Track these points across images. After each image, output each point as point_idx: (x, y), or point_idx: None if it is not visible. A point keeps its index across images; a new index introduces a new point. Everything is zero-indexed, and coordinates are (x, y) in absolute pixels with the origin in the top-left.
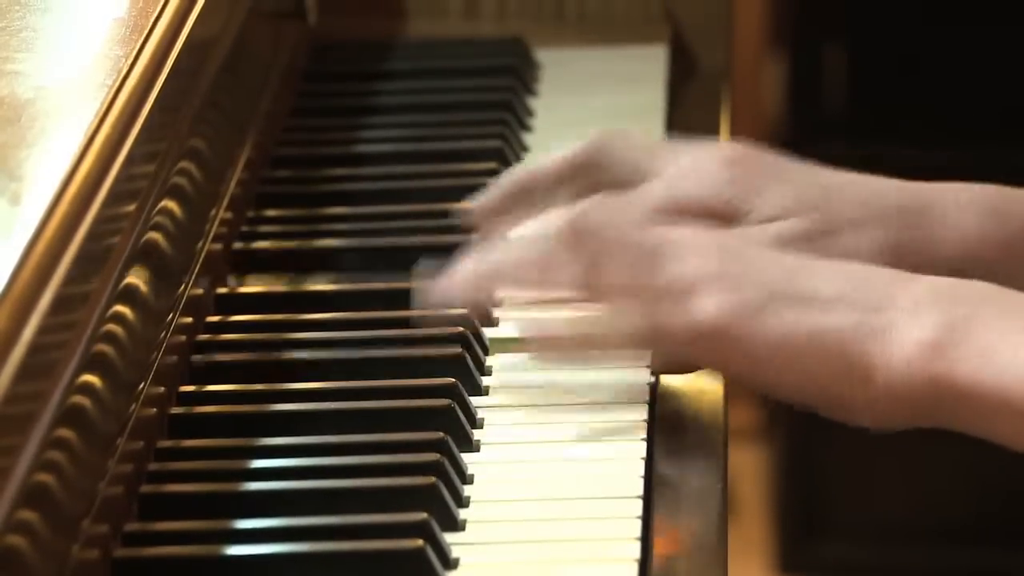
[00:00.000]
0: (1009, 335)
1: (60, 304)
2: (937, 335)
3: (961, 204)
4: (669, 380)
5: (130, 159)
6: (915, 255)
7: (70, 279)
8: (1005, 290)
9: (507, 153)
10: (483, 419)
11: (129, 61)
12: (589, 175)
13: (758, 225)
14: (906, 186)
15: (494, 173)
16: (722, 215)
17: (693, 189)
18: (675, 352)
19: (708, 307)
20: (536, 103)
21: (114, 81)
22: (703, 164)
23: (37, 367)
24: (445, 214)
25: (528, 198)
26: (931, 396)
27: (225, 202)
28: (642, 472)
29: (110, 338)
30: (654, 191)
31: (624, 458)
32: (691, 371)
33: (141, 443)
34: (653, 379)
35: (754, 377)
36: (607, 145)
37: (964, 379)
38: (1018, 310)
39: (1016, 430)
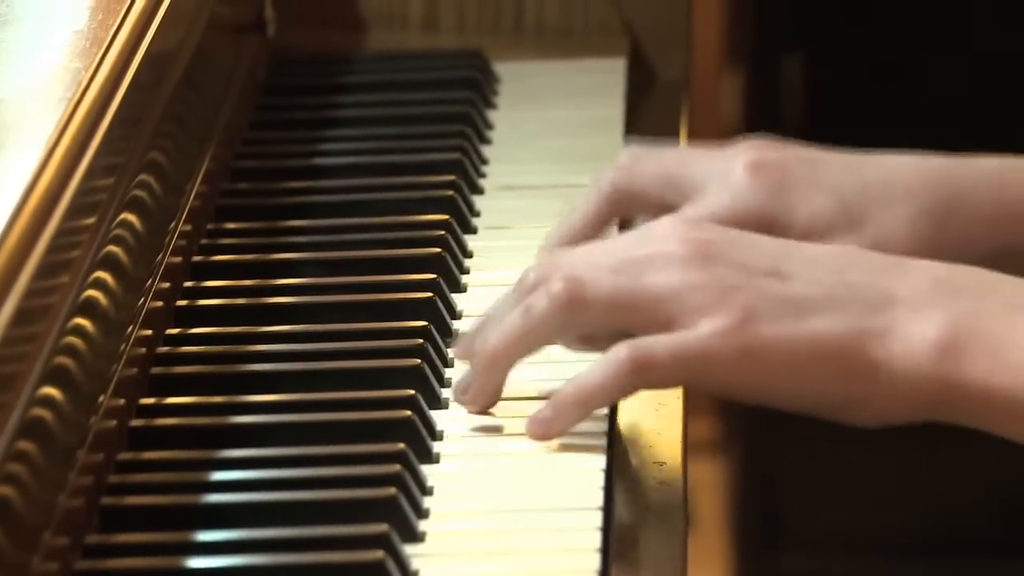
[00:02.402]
0: (1017, 329)
1: (20, 316)
2: (942, 334)
3: (1003, 183)
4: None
5: (90, 172)
6: (952, 220)
7: (30, 292)
8: (1005, 277)
9: (466, 166)
10: (443, 431)
11: (89, 74)
12: (625, 206)
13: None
14: (942, 167)
15: (453, 186)
16: (756, 228)
17: (726, 204)
18: (660, 384)
19: (701, 323)
20: (495, 116)
21: (74, 94)
22: (733, 175)
23: None
24: (403, 227)
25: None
26: (939, 396)
27: (185, 214)
28: (602, 483)
29: (70, 350)
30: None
31: (584, 469)
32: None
33: (101, 455)
34: None
35: (752, 389)
36: (636, 169)
37: (974, 381)
38: (1020, 299)
39: None
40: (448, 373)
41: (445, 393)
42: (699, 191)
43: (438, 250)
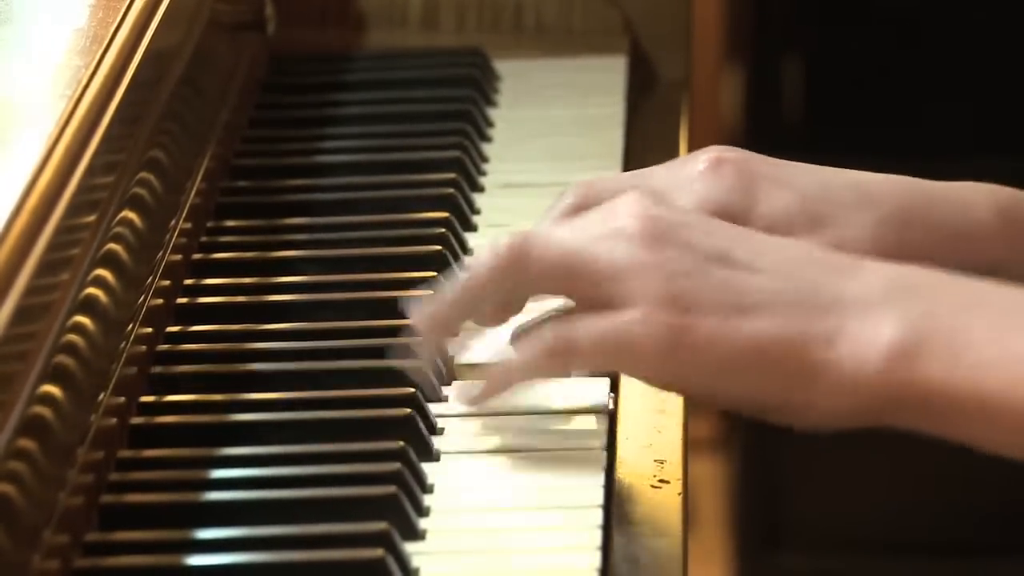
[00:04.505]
0: (973, 330)
1: (21, 314)
2: (896, 336)
3: (968, 202)
4: (627, 390)
5: (90, 170)
6: (916, 230)
7: (30, 289)
8: (957, 277)
9: (467, 164)
10: (443, 428)
11: (89, 72)
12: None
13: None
14: (907, 182)
15: (453, 184)
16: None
17: (689, 201)
18: (585, 368)
19: (637, 305)
20: (495, 114)
21: (74, 92)
22: (695, 171)
23: None
24: (404, 224)
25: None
26: (891, 399)
27: (185, 212)
28: (602, 482)
29: (70, 348)
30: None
31: (584, 468)
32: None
33: (101, 453)
34: (611, 395)
35: (683, 384)
36: (595, 182)
37: (930, 382)
38: (975, 299)
39: (991, 431)
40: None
41: (446, 391)
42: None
43: (439, 248)
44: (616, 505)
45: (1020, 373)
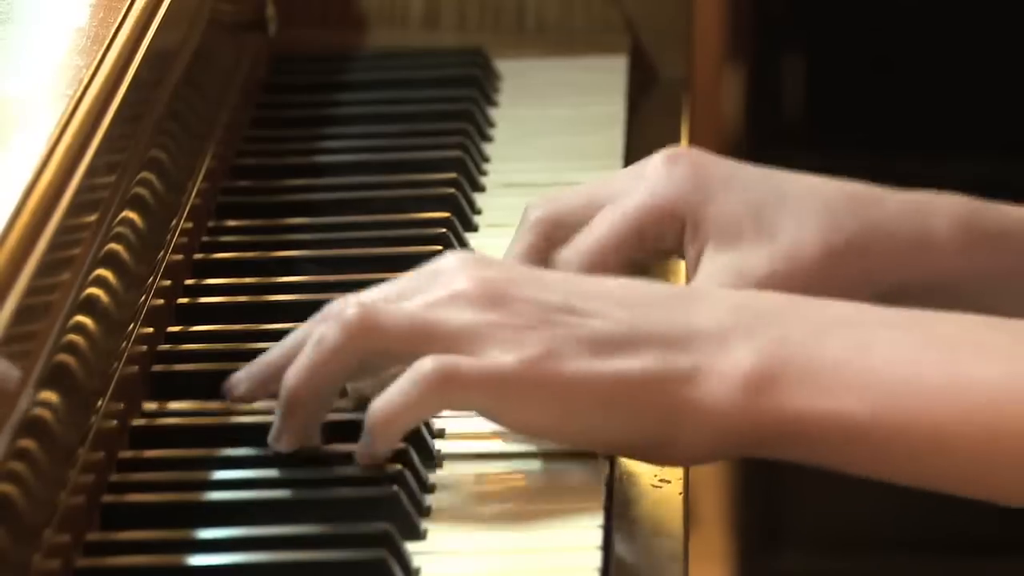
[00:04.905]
0: (827, 350)
1: (21, 314)
2: (752, 367)
3: (925, 214)
4: None
5: (91, 169)
6: (866, 249)
7: (31, 289)
8: (805, 298)
9: (467, 163)
10: (442, 429)
11: (90, 71)
12: (552, 233)
13: (701, 257)
14: (864, 191)
15: (454, 183)
16: (679, 225)
17: (647, 203)
18: (464, 404)
19: (502, 355)
20: (496, 113)
21: (75, 91)
22: (652, 175)
23: None
24: (405, 224)
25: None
26: (756, 431)
27: (186, 212)
28: (604, 480)
29: (71, 348)
30: (598, 227)
31: (586, 466)
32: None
33: (102, 454)
34: None
35: (555, 428)
36: (558, 195)
37: (792, 410)
38: (827, 320)
39: (857, 453)
40: None
41: None
42: (619, 197)
43: (439, 248)
44: (617, 504)
45: (876, 393)
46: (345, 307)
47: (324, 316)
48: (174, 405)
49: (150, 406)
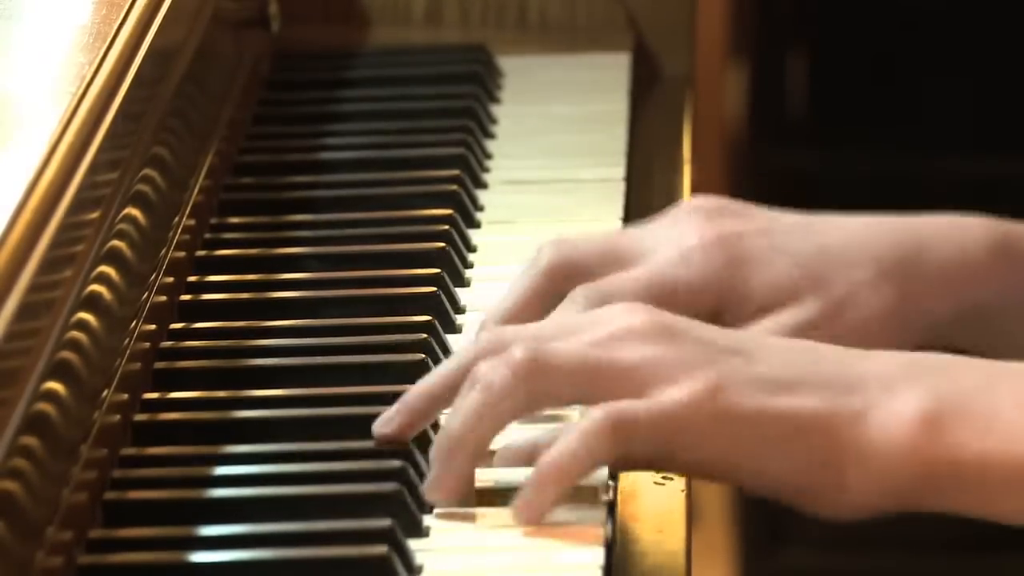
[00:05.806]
0: (1000, 396)
1: (24, 311)
2: (924, 408)
3: (962, 241)
4: None
5: (94, 166)
6: (920, 300)
7: (34, 286)
8: (972, 359)
9: (470, 160)
10: None
11: (92, 68)
12: (563, 279)
13: (755, 322)
14: (899, 226)
15: (457, 180)
16: (713, 302)
17: (680, 274)
18: (637, 450)
19: (675, 392)
20: (499, 110)
21: (77, 88)
22: (685, 243)
23: (1, 374)
24: (408, 221)
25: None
26: (924, 476)
27: (188, 209)
28: (606, 478)
29: (74, 345)
30: (627, 284)
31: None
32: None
33: (105, 450)
34: None
35: (724, 462)
36: (573, 242)
37: (964, 452)
38: (996, 370)
39: None
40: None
41: None
42: (647, 256)
43: (442, 245)
44: (620, 502)
45: None
46: (511, 346)
47: (485, 352)
48: (176, 401)
49: (152, 402)
